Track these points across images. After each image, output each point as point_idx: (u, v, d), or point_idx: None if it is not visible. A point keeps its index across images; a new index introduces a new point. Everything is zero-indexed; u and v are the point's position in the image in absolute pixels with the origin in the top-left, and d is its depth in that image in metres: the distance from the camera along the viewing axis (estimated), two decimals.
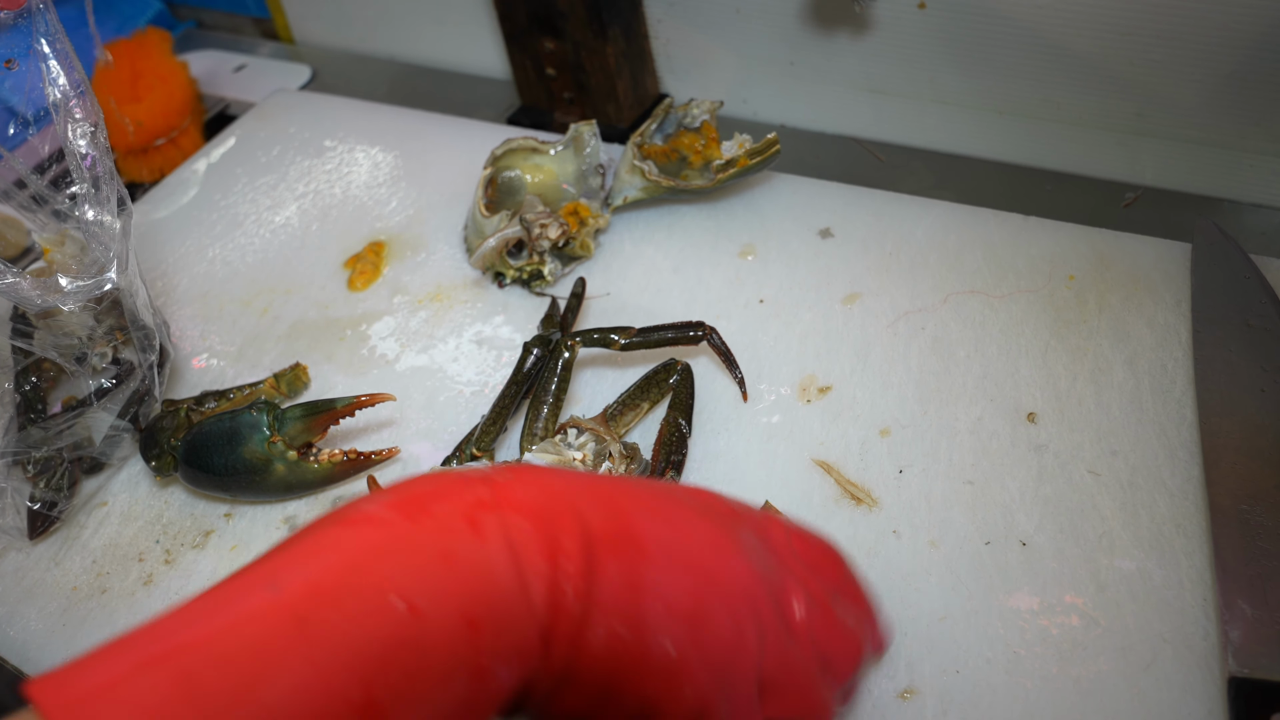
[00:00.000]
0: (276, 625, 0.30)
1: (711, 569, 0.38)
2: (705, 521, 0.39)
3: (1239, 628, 0.48)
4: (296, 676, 0.29)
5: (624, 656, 0.35)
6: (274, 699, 0.29)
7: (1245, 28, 0.67)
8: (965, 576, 0.53)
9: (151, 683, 0.28)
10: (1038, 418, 0.59)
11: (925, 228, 0.72)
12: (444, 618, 0.32)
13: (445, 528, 0.34)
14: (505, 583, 0.33)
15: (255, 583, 0.31)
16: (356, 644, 0.30)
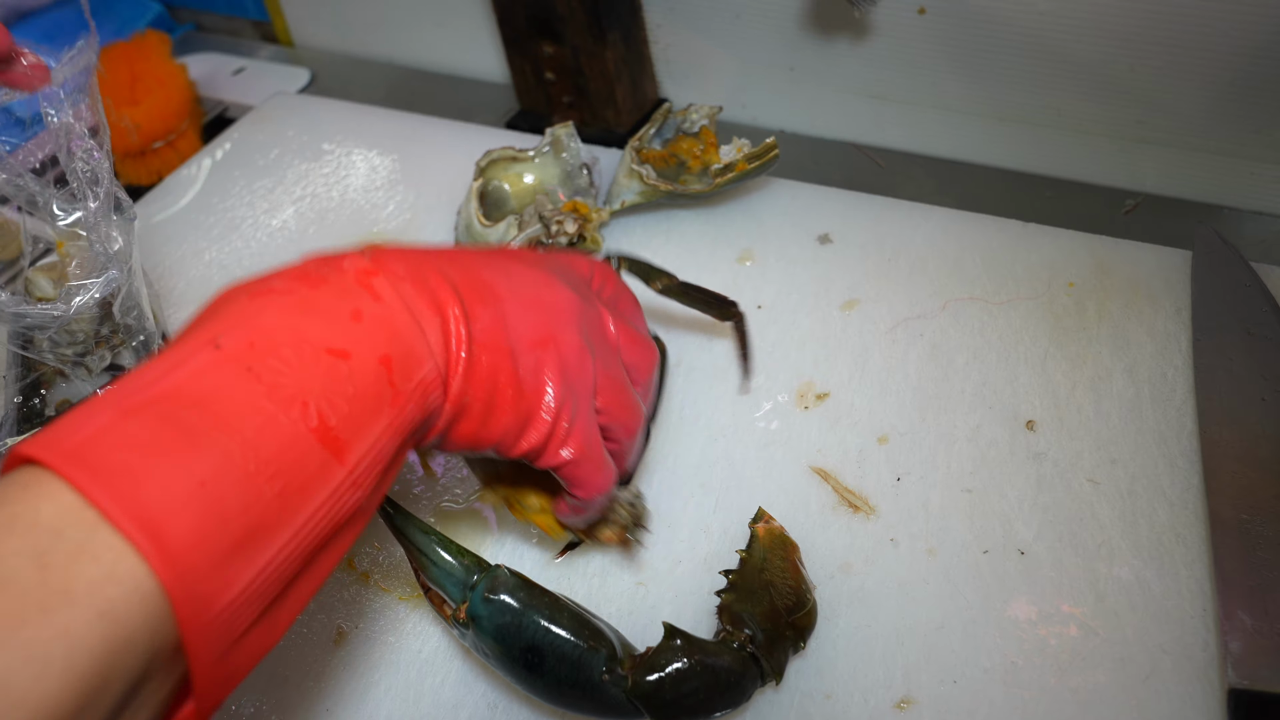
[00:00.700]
0: (231, 375, 0.35)
1: (550, 303, 0.47)
2: (534, 269, 0.49)
3: (1239, 639, 0.47)
4: (262, 412, 0.34)
5: (500, 382, 0.44)
6: (250, 430, 0.34)
7: (1246, 35, 0.67)
8: (963, 585, 0.53)
9: (138, 425, 0.32)
10: (1037, 425, 0.59)
11: (924, 234, 0.71)
12: (365, 360, 0.38)
13: (345, 291, 0.40)
14: (407, 331, 0.40)
15: (198, 346, 0.36)
16: (301, 383, 0.36)
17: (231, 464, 0.33)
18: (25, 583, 0.29)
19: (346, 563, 0.60)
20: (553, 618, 0.47)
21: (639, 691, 0.46)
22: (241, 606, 0.33)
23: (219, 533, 0.32)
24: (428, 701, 0.53)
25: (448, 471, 0.62)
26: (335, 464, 0.36)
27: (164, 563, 0.30)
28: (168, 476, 0.31)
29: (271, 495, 0.34)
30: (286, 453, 0.35)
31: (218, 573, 0.32)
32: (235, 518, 0.32)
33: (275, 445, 0.34)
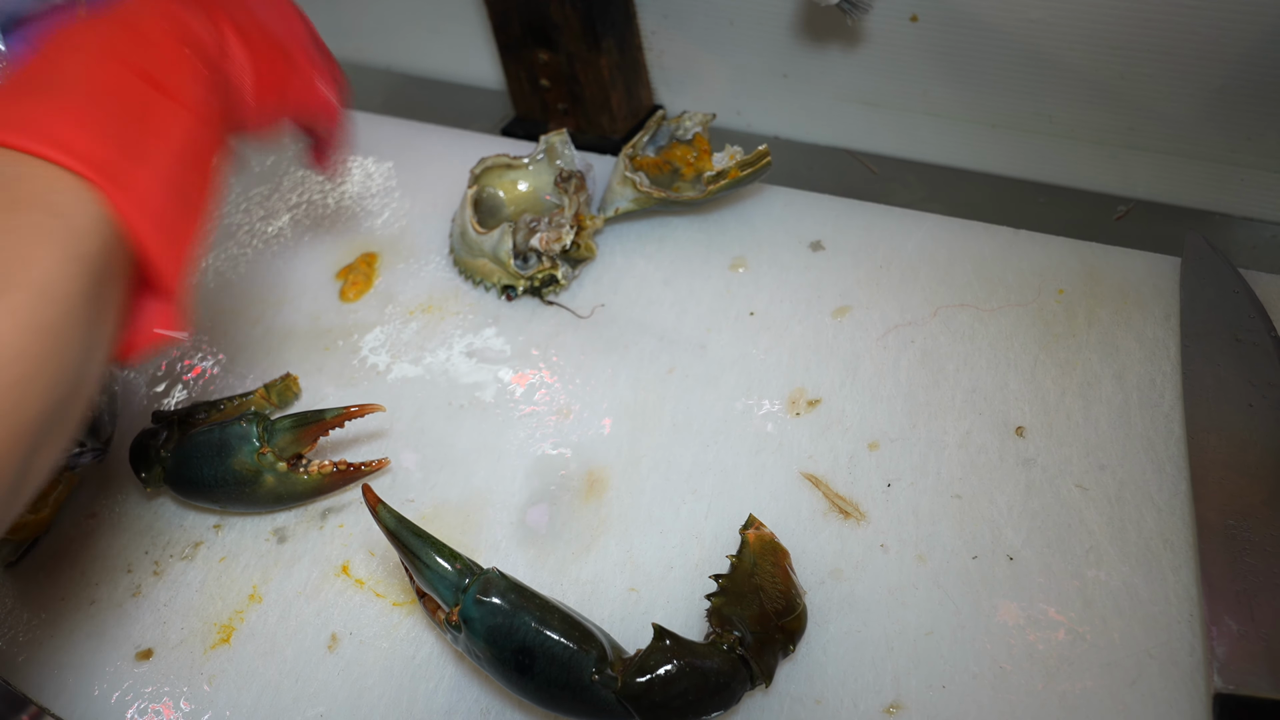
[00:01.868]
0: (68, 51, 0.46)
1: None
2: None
3: (1225, 644, 0.48)
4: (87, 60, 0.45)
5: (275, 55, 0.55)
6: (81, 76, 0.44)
7: (1236, 42, 0.68)
8: (952, 591, 0.53)
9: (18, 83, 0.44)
10: (1026, 432, 0.59)
11: (916, 241, 0.72)
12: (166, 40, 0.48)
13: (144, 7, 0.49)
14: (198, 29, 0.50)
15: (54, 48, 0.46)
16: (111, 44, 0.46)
17: (100, 104, 0.43)
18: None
19: (342, 568, 0.60)
20: (543, 620, 0.48)
21: (628, 693, 0.46)
22: (152, 192, 0.43)
23: (109, 145, 0.42)
24: (421, 707, 0.53)
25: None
26: (167, 99, 0.46)
27: (83, 165, 0.40)
28: (62, 119, 0.41)
29: (135, 119, 0.44)
30: (131, 91, 0.45)
31: (122, 170, 0.42)
32: (116, 134, 0.43)
33: (122, 87, 0.45)
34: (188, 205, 0.47)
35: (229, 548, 0.62)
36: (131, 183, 0.42)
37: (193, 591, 0.61)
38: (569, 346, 0.70)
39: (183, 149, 0.46)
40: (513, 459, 0.64)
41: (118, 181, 0.41)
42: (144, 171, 0.43)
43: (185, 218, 0.46)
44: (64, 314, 0.38)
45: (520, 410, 0.67)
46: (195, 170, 0.48)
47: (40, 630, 0.60)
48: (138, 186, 0.42)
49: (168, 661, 0.57)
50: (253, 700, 0.55)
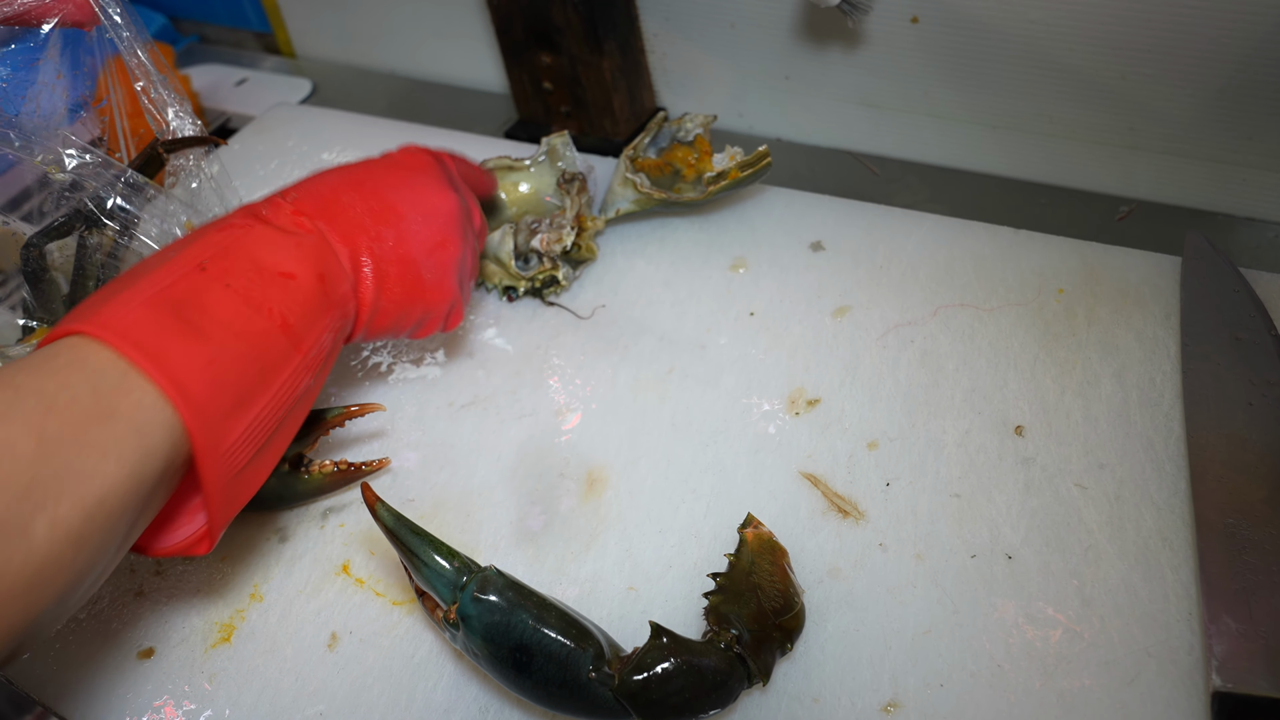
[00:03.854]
0: (217, 289, 0.47)
1: (441, 210, 0.60)
2: (428, 178, 0.61)
3: (1223, 642, 0.48)
4: (243, 314, 0.47)
5: (406, 284, 0.58)
6: (238, 325, 0.47)
7: (1236, 42, 0.68)
8: (950, 590, 0.53)
9: (158, 314, 0.44)
10: (1025, 431, 0.59)
11: (916, 241, 0.72)
12: (306, 278, 0.51)
13: (281, 226, 0.52)
14: (328, 256, 0.53)
15: (185, 266, 0.48)
16: (266, 293, 0.49)
17: (227, 348, 0.45)
18: (85, 402, 0.40)
19: (342, 567, 0.60)
20: (541, 617, 0.48)
21: (625, 690, 0.46)
22: (238, 447, 0.46)
23: (220, 396, 0.44)
24: (420, 705, 0.53)
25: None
26: (294, 351, 0.49)
27: (185, 404, 0.42)
28: (184, 352, 0.44)
29: (255, 371, 0.47)
30: (263, 340, 0.48)
31: (221, 421, 0.44)
32: (232, 386, 0.45)
33: (255, 335, 0.47)
34: (265, 453, 0.49)
35: (230, 547, 0.63)
36: (223, 434, 0.45)
37: (194, 591, 0.61)
38: (569, 347, 0.70)
39: (287, 403, 0.49)
40: (512, 458, 0.64)
41: (210, 430, 0.44)
42: (239, 424, 0.45)
43: (257, 466, 0.48)
44: (106, 528, 0.40)
45: (520, 410, 0.67)
46: (287, 423, 0.50)
47: None
48: (227, 439, 0.45)
49: (169, 660, 0.57)
50: (253, 699, 0.55)
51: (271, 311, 0.48)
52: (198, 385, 0.43)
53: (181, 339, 0.44)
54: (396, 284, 0.57)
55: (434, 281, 0.59)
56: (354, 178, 0.59)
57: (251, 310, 0.47)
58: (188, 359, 0.43)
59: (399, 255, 0.57)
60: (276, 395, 0.48)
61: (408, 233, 0.58)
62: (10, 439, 0.38)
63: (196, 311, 0.46)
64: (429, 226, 0.59)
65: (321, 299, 0.51)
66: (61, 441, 0.39)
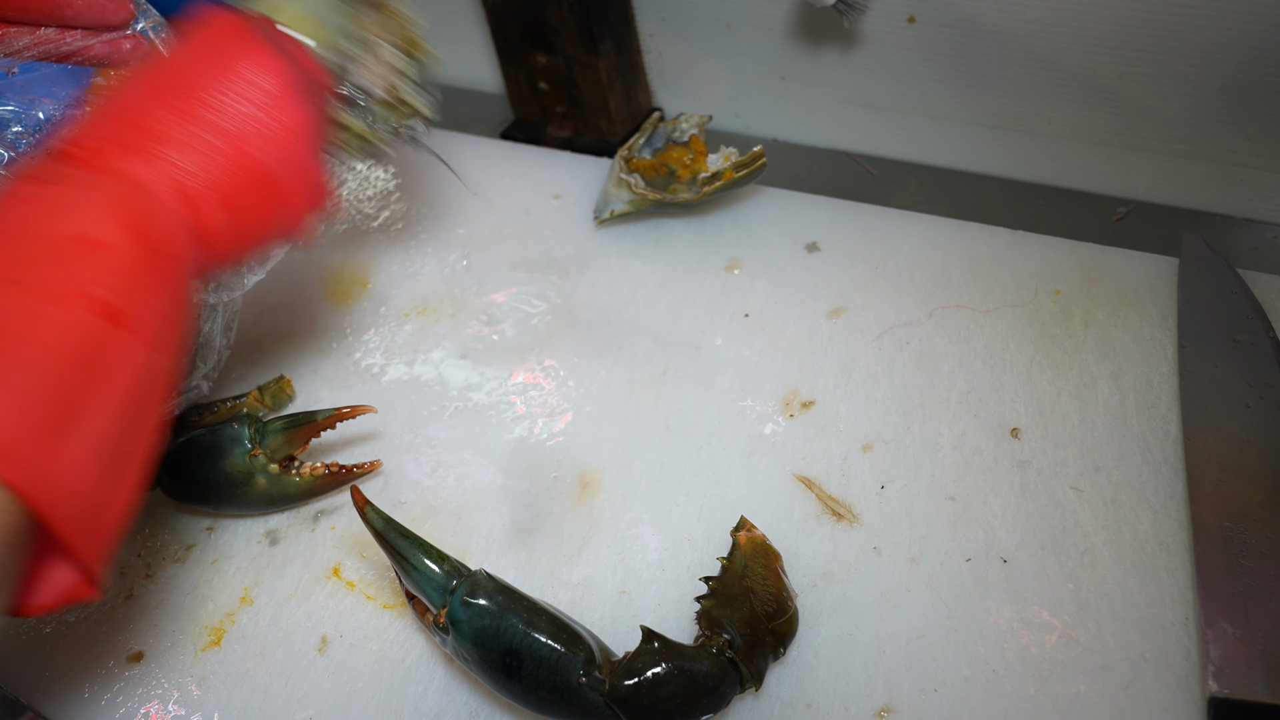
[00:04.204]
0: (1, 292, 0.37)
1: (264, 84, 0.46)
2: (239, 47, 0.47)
3: (1220, 647, 0.47)
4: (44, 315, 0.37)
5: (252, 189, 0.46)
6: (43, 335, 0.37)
7: (1234, 42, 0.67)
8: (945, 594, 0.53)
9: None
10: (1021, 433, 0.59)
11: (912, 242, 0.71)
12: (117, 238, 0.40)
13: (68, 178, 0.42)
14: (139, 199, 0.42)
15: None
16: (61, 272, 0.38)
17: (28, 368, 0.36)
18: None
19: (333, 570, 0.60)
20: (531, 621, 0.47)
21: (616, 695, 0.46)
22: (77, 470, 0.36)
23: (28, 428, 0.35)
24: (410, 709, 0.53)
25: None
26: (120, 330, 0.39)
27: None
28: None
29: (73, 380, 0.37)
30: (75, 337, 0.37)
31: (41, 455, 0.35)
32: (43, 409, 0.35)
33: (62, 336, 0.37)
34: (122, 464, 0.40)
35: (221, 550, 0.62)
36: (48, 466, 0.35)
37: (184, 594, 0.60)
38: (562, 348, 0.70)
39: (127, 394, 0.40)
40: (505, 461, 0.64)
41: (29, 472, 0.35)
42: (68, 447, 0.36)
43: (117, 480, 0.39)
44: None
45: (513, 412, 0.66)
46: (140, 408, 0.41)
47: (33, 634, 0.60)
48: (57, 469, 0.36)
49: (158, 664, 0.57)
50: (242, 703, 0.55)
51: (78, 294, 0.38)
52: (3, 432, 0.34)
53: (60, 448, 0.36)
54: (241, 191, 0.46)
55: (283, 168, 0.47)
56: (149, 78, 0.46)
57: (53, 305, 0.37)
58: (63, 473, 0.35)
59: (229, 153, 0.45)
60: (110, 391, 0.39)
61: (230, 122, 0.45)
62: None
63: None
64: (254, 103, 0.46)
65: (142, 253, 0.41)
66: None
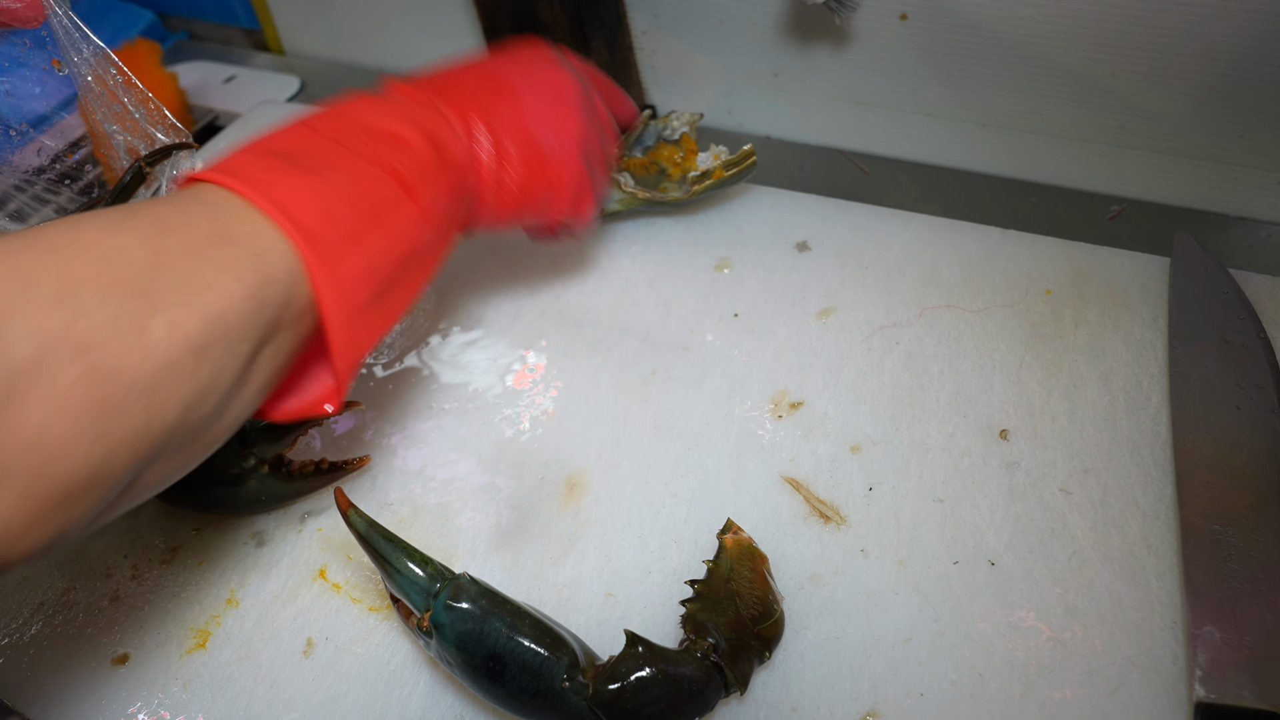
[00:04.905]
0: (327, 144, 0.47)
1: (561, 89, 0.61)
2: (543, 59, 0.62)
3: (1207, 651, 0.47)
4: (353, 164, 0.47)
5: (526, 156, 0.57)
6: (347, 170, 0.46)
7: (1227, 40, 0.67)
8: (932, 597, 0.52)
9: (269, 161, 0.45)
10: (1010, 435, 0.58)
11: (903, 241, 0.71)
12: (417, 140, 0.50)
13: (396, 101, 0.52)
14: (440, 125, 0.53)
15: (298, 130, 0.48)
16: (376, 150, 0.48)
17: (338, 188, 0.45)
18: (201, 225, 0.40)
19: (319, 572, 0.60)
20: (514, 625, 0.47)
21: (600, 700, 0.45)
22: (355, 282, 0.45)
23: (331, 226, 0.44)
24: (395, 713, 0.53)
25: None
26: (408, 200, 0.48)
27: (296, 230, 0.42)
28: (293, 188, 0.43)
29: (366, 209, 0.46)
30: (375, 186, 0.47)
31: (334, 251, 0.43)
32: (343, 220, 0.44)
33: (366, 181, 0.47)
34: (387, 301, 0.48)
35: (207, 551, 0.62)
36: (337, 263, 0.44)
37: (171, 596, 0.60)
38: (552, 349, 0.69)
39: (404, 251, 0.48)
40: (493, 461, 0.63)
41: (323, 258, 0.43)
42: (354, 258, 0.45)
43: (379, 312, 0.47)
44: (225, 344, 0.39)
45: (501, 413, 0.66)
46: (409, 273, 0.49)
47: (16, 634, 0.60)
48: (342, 270, 0.44)
49: (143, 666, 0.57)
50: (227, 705, 0.54)
51: (383, 163, 0.48)
52: (305, 211, 0.43)
53: (287, 174, 0.44)
54: (516, 157, 0.57)
55: (556, 155, 0.59)
56: (467, 63, 0.59)
57: (363, 161, 0.47)
58: (293, 188, 0.43)
59: (516, 126, 0.57)
60: (392, 239, 0.47)
61: (523, 106, 0.58)
62: (124, 245, 0.37)
63: (305, 159, 0.45)
64: (545, 99, 0.59)
65: (435, 160, 0.51)
66: (178, 253, 0.38)
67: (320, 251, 0.43)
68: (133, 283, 0.36)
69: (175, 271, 0.38)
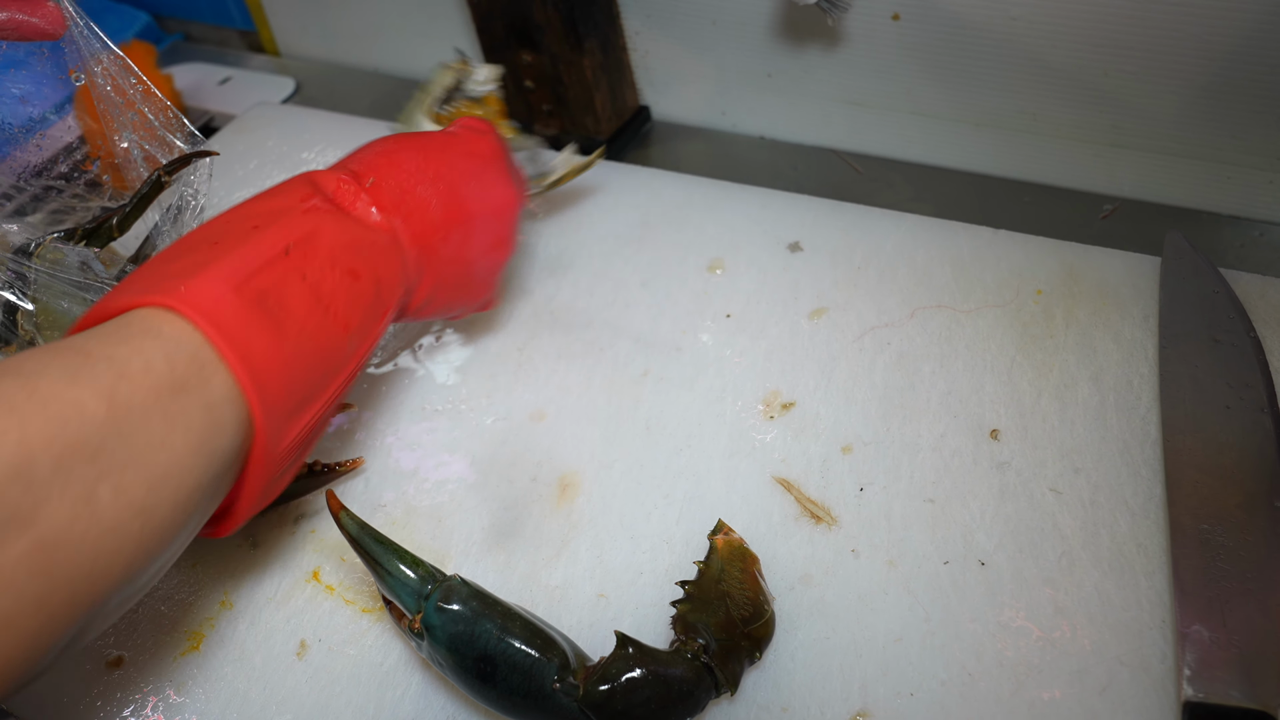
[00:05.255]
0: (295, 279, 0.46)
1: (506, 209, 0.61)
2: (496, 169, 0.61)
3: (1196, 651, 0.47)
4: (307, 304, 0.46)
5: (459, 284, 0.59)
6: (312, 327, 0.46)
7: (1220, 40, 0.67)
8: (922, 597, 0.53)
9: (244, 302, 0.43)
10: (1001, 435, 0.59)
11: (895, 241, 0.71)
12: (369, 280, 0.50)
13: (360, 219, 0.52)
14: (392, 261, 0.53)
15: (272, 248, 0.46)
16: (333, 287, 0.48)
17: (302, 350, 0.45)
18: (159, 371, 0.39)
19: (312, 574, 0.60)
20: (505, 627, 0.47)
21: (590, 701, 0.45)
22: (289, 451, 0.46)
23: (288, 397, 0.44)
24: (387, 714, 0.53)
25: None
26: (354, 354, 0.49)
27: (258, 398, 0.42)
28: (266, 350, 0.43)
29: (320, 375, 0.47)
30: (333, 348, 0.47)
31: (284, 419, 0.44)
32: (299, 389, 0.45)
33: (327, 344, 0.47)
34: (300, 457, 0.50)
35: (201, 553, 0.62)
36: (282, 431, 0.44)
37: (164, 598, 0.60)
38: (544, 350, 0.69)
39: (334, 404, 0.49)
40: (485, 463, 0.63)
41: (272, 426, 0.43)
42: (297, 424, 0.46)
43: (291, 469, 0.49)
44: (172, 504, 0.39)
45: (494, 414, 0.66)
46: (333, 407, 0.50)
47: None
48: (284, 437, 0.45)
49: (138, 669, 0.57)
50: (220, 708, 0.55)
51: (338, 313, 0.48)
52: (273, 384, 0.43)
53: (265, 334, 0.43)
54: (450, 284, 0.58)
55: (483, 279, 0.61)
56: (431, 168, 0.57)
57: (322, 310, 0.47)
58: (269, 357, 0.43)
59: (459, 257, 0.58)
60: (330, 399, 0.48)
61: (473, 234, 0.58)
62: (80, 399, 0.36)
63: (278, 304, 0.45)
64: (492, 227, 0.60)
65: (378, 304, 0.51)
66: (132, 408, 0.38)
67: (273, 420, 0.43)
68: (85, 447, 0.36)
69: (127, 429, 0.37)
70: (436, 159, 0.58)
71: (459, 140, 0.61)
